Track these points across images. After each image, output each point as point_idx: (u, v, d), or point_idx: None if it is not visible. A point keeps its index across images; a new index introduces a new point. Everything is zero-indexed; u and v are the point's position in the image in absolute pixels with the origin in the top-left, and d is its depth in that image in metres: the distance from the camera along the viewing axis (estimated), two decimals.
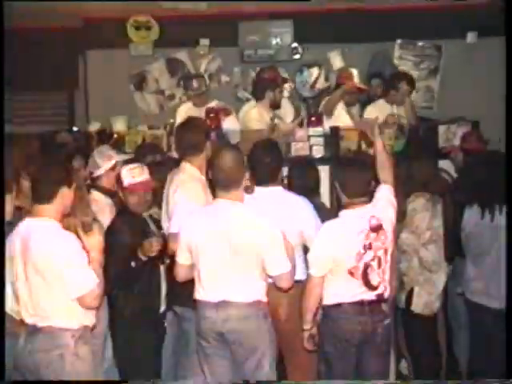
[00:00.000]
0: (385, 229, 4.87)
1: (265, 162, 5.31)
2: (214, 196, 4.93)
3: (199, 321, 4.79)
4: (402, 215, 5.50)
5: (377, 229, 4.83)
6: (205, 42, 10.79)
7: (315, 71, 10.54)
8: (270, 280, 4.82)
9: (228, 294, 4.67)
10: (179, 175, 5.51)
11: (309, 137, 7.23)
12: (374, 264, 4.82)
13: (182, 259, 4.84)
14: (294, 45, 10.74)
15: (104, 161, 5.71)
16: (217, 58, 10.88)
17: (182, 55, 10.93)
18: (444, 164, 6.83)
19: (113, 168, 5.69)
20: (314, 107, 9.18)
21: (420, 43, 10.76)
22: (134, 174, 5.20)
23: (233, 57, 10.81)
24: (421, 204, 5.81)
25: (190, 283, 4.90)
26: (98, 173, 5.66)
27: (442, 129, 7.42)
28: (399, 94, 8.10)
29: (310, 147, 7.14)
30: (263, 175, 5.29)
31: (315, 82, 10.52)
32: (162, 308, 5.38)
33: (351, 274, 4.80)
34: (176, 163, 5.74)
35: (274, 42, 10.77)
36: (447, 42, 10.64)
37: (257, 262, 4.67)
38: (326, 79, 10.41)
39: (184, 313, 5.40)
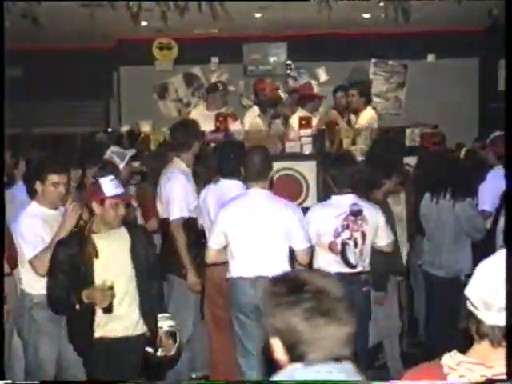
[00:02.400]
0: (365, 216, 4.78)
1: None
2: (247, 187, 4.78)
3: (239, 296, 4.58)
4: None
5: (356, 214, 4.75)
6: (215, 59, 10.77)
7: None
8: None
9: (263, 269, 4.44)
10: (169, 169, 5.42)
11: (299, 137, 7.19)
12: (351, 243, 4.75)
13: (215, 244, 4.64)
14: (288, 62, 10.73)
15: (121, 157, 5.65)
16: (225, 72, 10.84)
17: (196, 70, 10.92)
18: (410, 160, 6.78)
19: (127, 163, 5.64)
20: None
21: (390, 62, 10.73)
22: (114, 186, 3.98)
23: (238, 71, 10.77)
24: None
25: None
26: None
27: (408, 131, 7.39)
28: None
29: (301, 146, 7.10)
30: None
31: None
32: (96, 335, 4.02)
33: (331, 249, 4.74)
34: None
35: (271, 59, 10.78)
36: (412, 61, 10.64)
37: (285, 239, 4.57)
38: None
39: (173, 279, 5.32)
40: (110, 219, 3.95)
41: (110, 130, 9.47)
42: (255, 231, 4.54)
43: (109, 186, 3.94)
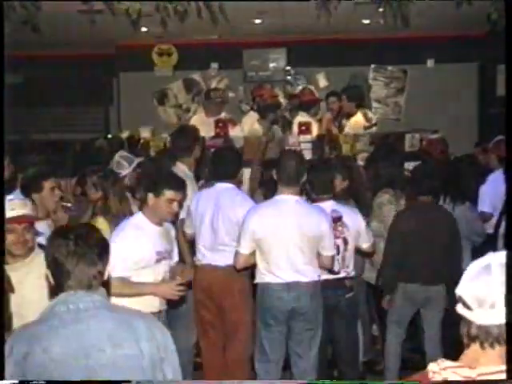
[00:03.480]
0: (345, 222, 4.79)
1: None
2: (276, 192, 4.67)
3: (272, 301, 4.52)
4: (368, 208, 5.50)
5: (336, 220, 4.74)
6: (215, 65, 10.81)
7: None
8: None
9: (297, 275, 4.47)
10: None
11: (299, 143, 7.20)
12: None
13: (245, 249, 4.55)
14: (287, 68, 10.74)
15: (129, 162, 5.67)
16: (224, 78, 10.87)
17: (196, 76, 10.94)
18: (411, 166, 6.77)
19: (134, 169, 5.66)
20: None
21: (390, 67, 10.75)
22: (14, 207, 3.47)
23: (238, 77, 10.80)
24: (386, 198, 5.74)
25: None
26: (124, 173, 5.59)
27: (407, 137, 7.39)
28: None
29: (301, 151, 7.10)
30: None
31: None
32: None
33: None
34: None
35: (271, 65, 10.78)
36: (411, 66, 10.65)
37: (316, 246, 4.53)
38: None
39: None
40: (7, 246, 3.36)
41: (109, 136, 9.48)
42: (288, 238, 4.47)
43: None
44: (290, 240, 4.48)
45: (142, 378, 2.41)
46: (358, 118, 7.85)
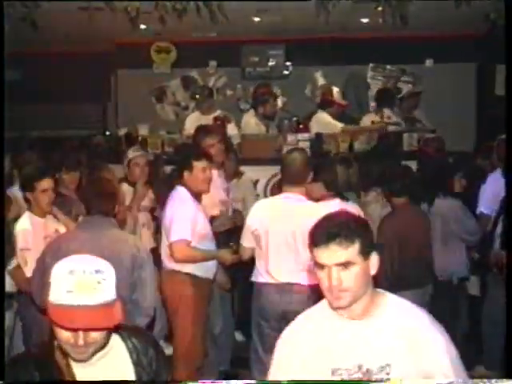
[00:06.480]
0: None
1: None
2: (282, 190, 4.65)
3: (263, 302, 4.49)
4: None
5: None
6: (213, 63, 10.80)
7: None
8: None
9: (292, 277, 4.40)
10: None
11: (297, 141, 7.22)
12: None
13: (247, 243, 4.61)
14: (286, 64, 10.74)
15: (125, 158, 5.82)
16: (223, 76, 10.88)
17: (194, 73, 10.94)
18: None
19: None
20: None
21: (388, 66, 10.76)
22: (74, 288, 2.22)
23: (236, 75, 10.80)
24: (372, 196, 5.72)
25: None
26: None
27: (405, 136, 7.42)
28: None
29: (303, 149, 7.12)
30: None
31: None
32: None
33: None
34: None
35: (269, 62, 10.77)
36: (410, 66, 10.65)
37: None
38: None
39: None
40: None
41: (107, 133, 9.50)
42: (286, 238, 4.42)
43: None
44: (286, 240, 4.42)
45: (126, 273, 3.74)
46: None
